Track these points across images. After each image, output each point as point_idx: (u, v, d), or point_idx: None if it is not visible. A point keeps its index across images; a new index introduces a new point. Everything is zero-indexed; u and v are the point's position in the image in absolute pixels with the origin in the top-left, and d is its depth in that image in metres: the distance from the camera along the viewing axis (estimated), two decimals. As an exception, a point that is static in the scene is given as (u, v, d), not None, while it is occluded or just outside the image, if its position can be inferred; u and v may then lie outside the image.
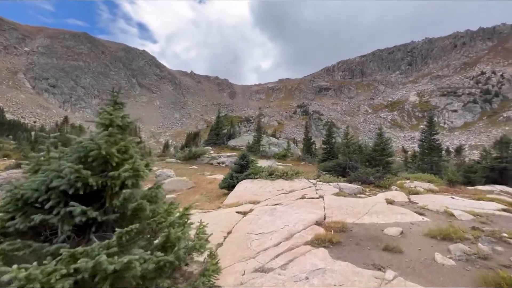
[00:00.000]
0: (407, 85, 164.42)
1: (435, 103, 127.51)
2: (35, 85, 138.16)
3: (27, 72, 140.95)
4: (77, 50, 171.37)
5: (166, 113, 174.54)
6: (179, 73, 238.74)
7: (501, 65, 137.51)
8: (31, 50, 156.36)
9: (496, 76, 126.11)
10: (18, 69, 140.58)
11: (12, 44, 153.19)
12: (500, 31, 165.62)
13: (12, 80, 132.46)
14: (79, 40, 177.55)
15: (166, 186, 14.71)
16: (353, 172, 11.45)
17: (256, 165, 12.26)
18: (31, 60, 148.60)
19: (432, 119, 27.29)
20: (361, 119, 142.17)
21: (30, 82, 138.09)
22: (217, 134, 38.75)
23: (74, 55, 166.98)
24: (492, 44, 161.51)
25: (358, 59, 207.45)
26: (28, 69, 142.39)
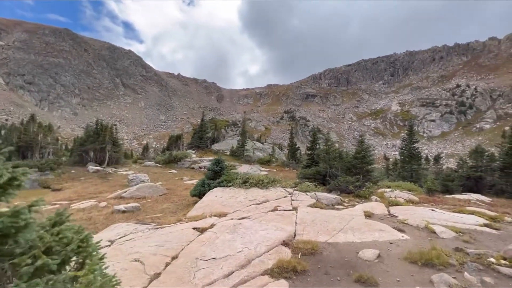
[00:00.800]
0: (389, 94, 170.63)
1: (415, 113, 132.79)
2: (9, 81, 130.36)
3: (1, 67, 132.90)
4: (58, 46, 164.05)
5: (151, 114, 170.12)
6: (166, 74, 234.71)
7: (475, 79, 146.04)
8: (6, 45, 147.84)
9: (470, 89, 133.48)
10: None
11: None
12: (473, 48, 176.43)
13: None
14: (60, 36, 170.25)
15: (135, 193, 13.55)
16: (333, 180, 10.91)
17: (230, 172, 11.33)
18: (5, 55, 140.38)
19: (412, 128, 27.79)
20: (346, 126, 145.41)
21: (4, 77, 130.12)
22: (201, 137, 37.55)
23: (54, 52, 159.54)
24: (466, 59, 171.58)
25: (344, 68, 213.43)
26: (2, 64, 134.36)
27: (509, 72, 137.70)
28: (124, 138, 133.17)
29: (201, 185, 10.88)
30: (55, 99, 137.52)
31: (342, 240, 4.60)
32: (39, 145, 23.16)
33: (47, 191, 18.54)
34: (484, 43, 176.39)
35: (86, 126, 34.84)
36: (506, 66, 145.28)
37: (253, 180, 10.26)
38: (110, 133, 27.14)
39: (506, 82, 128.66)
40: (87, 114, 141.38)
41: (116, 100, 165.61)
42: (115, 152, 27.47)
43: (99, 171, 22.34)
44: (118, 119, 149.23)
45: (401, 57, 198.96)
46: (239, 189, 9.95)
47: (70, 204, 11.41)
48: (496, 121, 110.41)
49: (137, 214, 9.16)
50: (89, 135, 27.10)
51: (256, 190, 9.77)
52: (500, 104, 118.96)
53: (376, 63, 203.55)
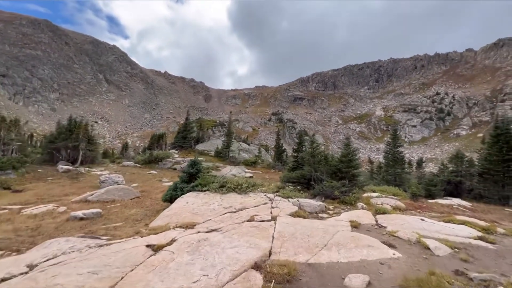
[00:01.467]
0: (374, 100, 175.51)
1: (397, 118, 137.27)
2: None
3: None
4: (36, 38, 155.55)
5: (135, 112, 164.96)
6: (152, 72, 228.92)
7: (453, 87, 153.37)
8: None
9: (449, 97, 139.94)
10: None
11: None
12: (452, 58, 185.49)
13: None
14: (39, 27, 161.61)
15: (103, 196, 12.28)
16: (318, 185, 10.27)
17: (206, 175, 10.21)
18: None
19: (396, 132, 28.01)
20: (332, 129, 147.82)
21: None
22: (185, 137, 36.02)
23: (31, 43, 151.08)
24: (445, 68, 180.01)
25: (331, 72, 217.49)
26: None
27: (483, 82, 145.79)
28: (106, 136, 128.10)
29: (173, 189, 9.84)
30: (31, 93, 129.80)
31: (325, 259, 3.86)
32: (1, 141, 21.03)
33: (6, 192, 16.72)
34: (462, 54, 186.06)
35: (58, 122, 32.62)
36: (480, 77, 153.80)
37: (230, 184, 9.41)
38: (85, 130, 25.18)
39: (481, 92, 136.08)
40: (66, 110, 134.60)
41: (98, 96, 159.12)
42: (90, 151, 25.66)
43: (69, 171, 20.42)
44: (100, 116, 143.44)
45: (386, 63, 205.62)
46: (215, 194, 9.05)
47: (22, 208, 9.98)
48: (472, 127, 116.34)
49: (95, 222, 8.04)
50: (61, 132, 24.89)
51: (234, 195, 8.92)
52: (475, 112, 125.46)
53: (362, 68, 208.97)
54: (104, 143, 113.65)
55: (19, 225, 7.25)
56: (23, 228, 6.82)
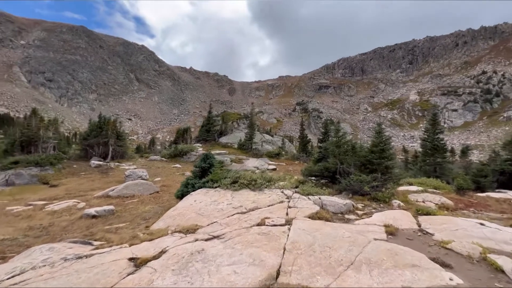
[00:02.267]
0: (407, 83, 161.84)
1: (435, 102, 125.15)
2: (31, 79, 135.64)
3: (23, 66, 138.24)
4: (75, 44, 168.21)
5: (164, 109, 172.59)
6: (178, 68, 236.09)
7: (503, 64, 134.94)
8: (27, 43, 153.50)
9: (497, 76, 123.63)
10: (14, 63, 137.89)
11: (7, 37, 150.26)
12: (502, 30, 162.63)
13: (7, 73, 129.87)
14: (76, 34, 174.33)
15: (123, 191, 12.34)
16: (344, 179, 9.02)
17: (217, 171, 9.32)
18: (27, 54, 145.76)
19: (436, 116, 24.77)
20: (361, 117, 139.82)
21: (26, 75, 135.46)
22: (208, 130, 36.51)
23: (71, 49, 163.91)
24: (493, 43, 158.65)
25: (358, 57, 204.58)
26: (24, 63, 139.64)
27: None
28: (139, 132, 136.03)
29: (185, 185, 9.27)
30: (73, 95, 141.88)
31: (352, 285, 2.85)
32: (41, 140, 22.82)
33: (43, 187, 17.99)
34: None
35: (90, 120, 34.70)
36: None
37: (243, 180, 8.52)
38: (113, 127, 26.39)
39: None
40: (104, 109, 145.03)
41: (131, 95, 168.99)
42: (119, 146, 26.81)
43: (100, 166, 21.80)
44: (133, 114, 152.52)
45: (421, 43, 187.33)
46: (226, 191, 8.24)
47: (47, 204, 10.40)
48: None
49: (105, 220, 7.93)
50: (92, 129, 26.66)
51: (247, 192, 8.06)
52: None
53: (393, 50, 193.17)
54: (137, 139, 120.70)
55: (35, 222, 7.40)
56: (37, 226, 6.87)
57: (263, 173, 9.31)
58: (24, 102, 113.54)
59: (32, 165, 20.71)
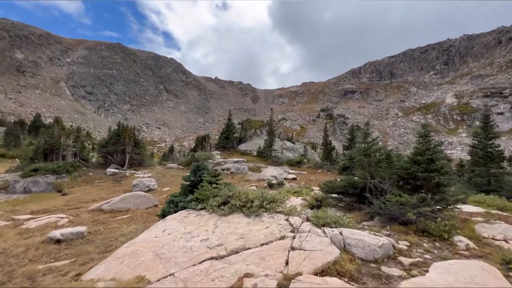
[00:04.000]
0: (443, 86, 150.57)
1: (476, 105, 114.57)
2: (74, 92, 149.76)
3: (68, 81, 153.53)
4: (112, 59, 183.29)
5: (190, 117, 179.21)
6: (204, 79, 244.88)
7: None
8: (72, 61, 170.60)
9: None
10: (60, 78, 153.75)
11: (56, 56, 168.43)
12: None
13: (55, 88, 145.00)
14: (113, 50, 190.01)
15: (118, 205, 11.84)
16: (376, 199, 6.73)
17: (205, 188, 7.43)
18: (71, 70, 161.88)
19: (488, 118, 20.70)
20: (390, 123, 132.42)
21: (70, 90, 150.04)
22: (227, 137, 36.58)
23: (108, 64, 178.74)
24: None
25: (387, 60, 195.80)
26: (69, 78, 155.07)
27: None
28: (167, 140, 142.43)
29: (168, 203, 7.96)
30: (109, 106, 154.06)
31: None
32: (61, 148, 24.05)
33: (56, 195, 18.03)
34: None
35: (109, 128, 36.48)
36: None
37: (236, 201, 6.55)
38: (130, 135, 27.20)
39: None
40: (136, 119, 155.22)
41: (160, 105, 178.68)
42: (136, 154, 27.22)
43: (115, 174, 22.33)
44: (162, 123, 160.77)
45: (457, 42, 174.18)
46: (210, 216, 6.39)
47: (28, 220, 10.06)
48: None
49: (68, 247, 7.21)
50: (111, 137, 27.43)
51: (238, 219, 6.11)
52: None
53: (425, 51, 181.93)
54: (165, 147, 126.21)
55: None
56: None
57: (264, 191, 7.17)
58: (68, 113, 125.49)
59: (49, 172, 20.79)
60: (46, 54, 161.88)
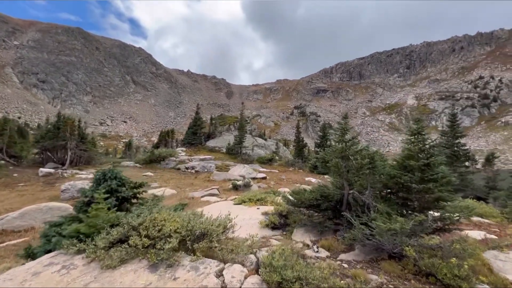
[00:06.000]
0: (405, 88, 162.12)
1: (433, 107, 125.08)
2: (23, 80, 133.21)
3: (15, 66, 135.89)
4: (70, 45, 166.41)
5: (160, 111, 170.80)
6: (176, 71, 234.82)
7: (499, 70, 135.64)
8: (20, 44, 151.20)
9: (495, 81, 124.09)
10: (6, 63, 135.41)
11: (0, 37, 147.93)
12: (498, 36, 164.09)
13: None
14: (72, 35, 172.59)
15: (16, 222, 8.54)
16: (357, 216, 4.85)
17: (99, 212, 4.28)
18: (20, 54, 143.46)
19: (455, 117, 20.26)
20: (359, 121, 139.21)
21: (18, 76, 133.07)
22: (195, 133, 34.09)
23: (66, 50, 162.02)
24: (490, 49, 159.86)
25: (356, 61, 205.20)
26: (17, 63, 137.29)
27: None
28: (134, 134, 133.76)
29: (43, 236, 4.74)
30: (67, 97, 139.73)
31: None
32: None
33: None
34: (510, 32, 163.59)
35: (47, 119, 31.56)
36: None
37: (140, 238, 3.70)
38: (72, 128, 22.84)
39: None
40: (98, 112, 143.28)
41: (126, 97, 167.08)
42: (81, 150, 23.10)
43: (50, 175, 18.06)
44: (128, 116, 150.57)
45: (418, 48, 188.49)
46: (89, 267, 3.35)
47: None
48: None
49: None
50: (49, 130, 22.67)
51: (134, 274, 3.16)
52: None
53: (391, 55, 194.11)
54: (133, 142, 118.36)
55: None
56: None
57: (193, 217, 4.39)
58: (15, 104, 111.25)
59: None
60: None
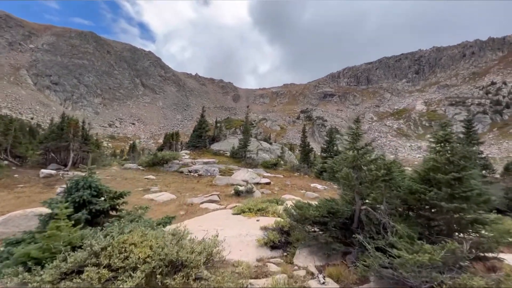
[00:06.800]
0: (413, 93, 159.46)
1: (443, 113, 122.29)
2: (37, 82, 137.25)
3: (30, 69, 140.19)
4: (83, 48, 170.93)
5: (168, 114, 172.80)
6: (184, 75, 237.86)
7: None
8: (35, 47, 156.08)
9: (507, 87, 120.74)
10: (21, 66, 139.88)
11: (17, 41, 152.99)
12: (510, 42, 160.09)
13: (14, 76, 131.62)
14: (85, 39, 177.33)
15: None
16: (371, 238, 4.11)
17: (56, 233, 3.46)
18: (35, 57, 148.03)
19: (471, 123, 19.41)
20: (366, 126, 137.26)
21: (32, 78, 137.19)
22: (200, 136, 34.05)
23: (79, 54, 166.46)
24: (502, 54, 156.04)
25: (364, 66, 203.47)
26: (31, 66, 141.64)
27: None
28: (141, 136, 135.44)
29: None
30: (78, 99, 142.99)
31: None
32: None
33: None
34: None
35: (51, 120, 31.93)
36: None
37: (98, 270, 2.86)
38: (75, 129, 22.53)
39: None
40: (108, 113, 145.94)
41: (135, 99, 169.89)
42: (84, 152, 22.59)
43: (51, 176, 18.05)
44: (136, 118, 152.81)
45: (427, 53, 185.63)
46: None
47: None
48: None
49: None
50: (53, 131, 22.73)
51: None
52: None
53: (399, 60, 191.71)
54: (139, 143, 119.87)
55: None
56: None
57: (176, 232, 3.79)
58: (28, 105, 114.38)
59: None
60: (5, 38, 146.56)
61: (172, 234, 3.65)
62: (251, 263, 3.68)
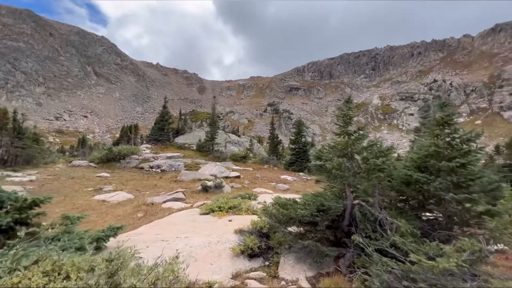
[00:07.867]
0: (371, 88, 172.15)
1: (395, 107, 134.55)
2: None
3: None
4: (18, 29, 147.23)
5: (126, 106, 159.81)
6: (143, 64, 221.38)
7: (450, 74, 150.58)
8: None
9: (446, 84, 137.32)
10: None
11: None
12: (449, 44, 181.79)
13: None
14: (20, 17, 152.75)
15: None
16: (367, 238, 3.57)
17: None
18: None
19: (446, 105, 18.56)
20: (329, 119, 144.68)
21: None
22: (162, 128, 31.30)
23: (12, 35, 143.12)
24: (442, 55, 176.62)
25: (327, 61, 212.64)
26: None
27: (481, 69, 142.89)
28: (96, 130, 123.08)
29: None
30: (14, 88, 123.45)
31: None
32: None
33: None
34: (459, 40, 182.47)
35: None
36: (478, 63, 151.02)
37: None
38: (2, 120, 19.37)
39: (478, 78, 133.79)
40: (54, 105, 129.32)
41: (87, 90, 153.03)
42: (17, 148, 19.51)
43: None
44: (89, 110, 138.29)
45: (382, 51, 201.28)
46: None
47: None
48: (469, 115, 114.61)
49: None
50: None
51: None
52: (473, 99, 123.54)
53: (358, 57, 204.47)
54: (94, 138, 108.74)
55: None
56: None
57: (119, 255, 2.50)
58: None
59: None
60: None
61: (108, 260, 2.38)
62: (225, 283, 2.74)
